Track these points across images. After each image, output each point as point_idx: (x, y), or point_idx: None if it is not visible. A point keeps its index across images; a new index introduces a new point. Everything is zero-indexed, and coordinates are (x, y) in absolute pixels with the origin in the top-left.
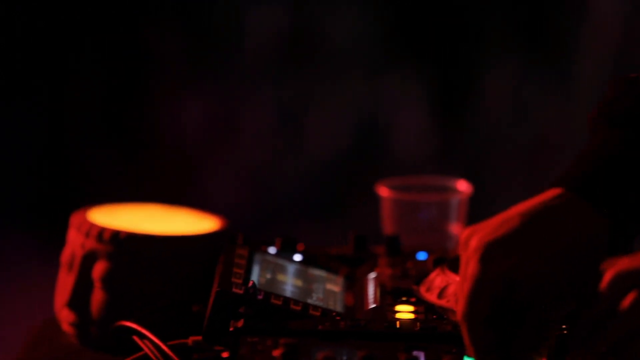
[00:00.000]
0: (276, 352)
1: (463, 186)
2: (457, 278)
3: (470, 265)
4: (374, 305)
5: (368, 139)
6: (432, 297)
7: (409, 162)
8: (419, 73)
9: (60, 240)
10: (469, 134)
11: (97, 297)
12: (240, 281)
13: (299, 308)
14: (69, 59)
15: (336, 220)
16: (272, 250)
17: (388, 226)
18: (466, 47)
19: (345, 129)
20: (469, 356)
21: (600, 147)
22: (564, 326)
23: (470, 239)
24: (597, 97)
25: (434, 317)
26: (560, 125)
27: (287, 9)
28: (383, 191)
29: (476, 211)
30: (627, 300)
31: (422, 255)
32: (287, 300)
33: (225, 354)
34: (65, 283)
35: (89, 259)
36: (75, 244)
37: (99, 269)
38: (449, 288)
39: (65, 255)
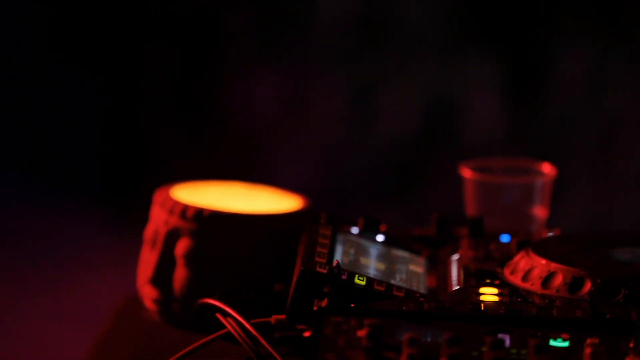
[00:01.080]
0: (361, 333)
1: (547, 168)
2: (543, 261)
3: None
4: (457, 287)
5: (441, 120)
6: (516, 280)
7: (483, 144)
8: (492, 54)
9: (139, 218)
10: (544, 116)
11: (180, 274)
12: (323, 261)
13: (382, 289)
14: (143, 40)
15: (412, 201)
16: (354, 230)
17: (471, 208)
18: (540, 27)
19: (418, 110)
20: (554, 340)
21: None
22: None
23: None
24: None
25: (519, 300)
26: (637, 105)
27: None
28: (466, 172)
29: (554, 194)
30: None
31: (505, 238)
32: (370, 280)
33: (307, 334)
34: (148, 260)
35: (172, 236)
36: (158, 221)
37: (182, 246)
38: (533, 271)
39: (149, 232)
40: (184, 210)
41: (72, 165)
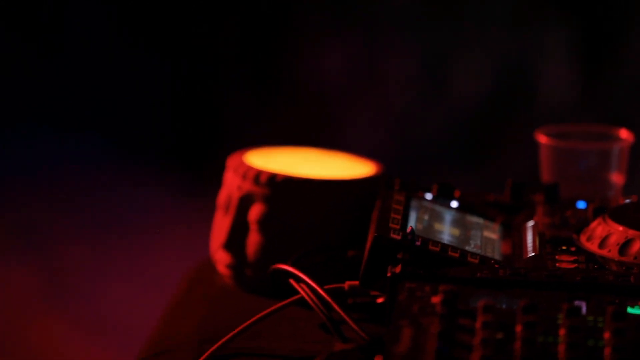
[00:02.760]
0: (435, 299)
1: (624, 134)
2: (620, 228)
3: None
4: (533, 254)
5: (516, 86)
6: (593, 246)
7: (558, 110)
8: (566, 19)
9: (213, 183)
10: (619, 81)
11: (253, 239)
12: (397, 227)
13: (457, 255)
14: (215, 8)
15: (487, 167)
16: (428, 196)
17: (546, 174)
18: None
19: (492, 76)
20: (632, 307)
21: None
22: None
23: None
24: None
25: (595, 267)
26: None
27: None
28: (542, 138)
29: (633, 161)
30: None
31: (581, 204)
32: (444, 247)
33: (380, 300)
34: (221, 225)
35: (245, 201)
36: (232, 186)
37: (255, 211)
38: (610, 238)
39: (222, 197)
40: (257, 176)
41: (147, 130)
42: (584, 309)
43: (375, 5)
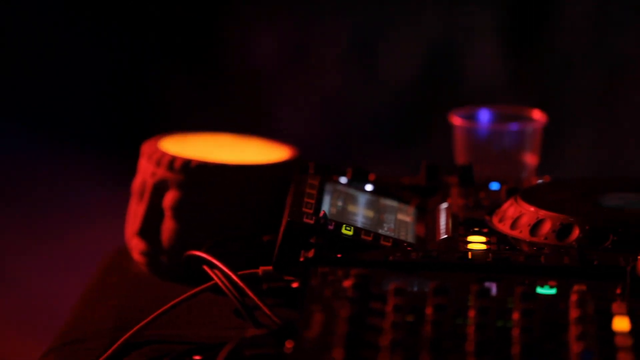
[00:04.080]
0: (347, 283)
1: (537, 115)
2: (531, 208)
3: None
4: (445, 236)
5: (441, 67)
6: (504, 227)
7: (483, 91)
8: (492, 1)
9: (132, 169)
10: (546, 61)
11: (168, 226)
12: (311, 211)
13: (369, 238)
14: None
15: (409, 149)
16: (343, 180)
17: (461, 156)
18: None
19: (418, 58)
20: (541, 287)
21: None
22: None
23: None
24: None
25: (507, 248)
26: (637, 52)
27: None
28: (456, 120)
29: (553, 141)
30: None
31: (495, 186)
32: (358, 230)
33: (295, 284)
34: (136, 212)
35: (159, 188)
36: (146, 173)
37: (169, 198)
38: (522, 218)
39: (136, 184)
40: (172, 162)
41: (74, 116)
42: (494, 290)
43: None
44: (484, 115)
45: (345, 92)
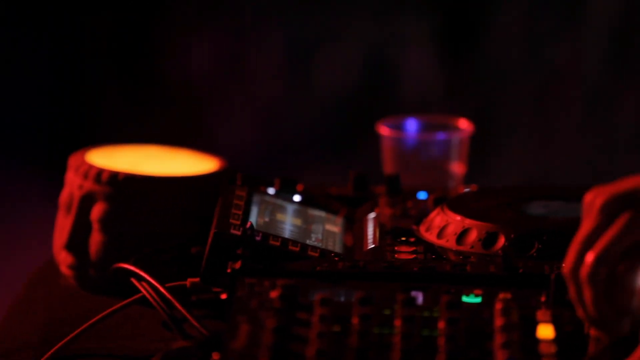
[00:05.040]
0: (273, 294)
1: (464, 124)
2: (457, 217)
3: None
4: (373, 246)
5: (376, 78)
6: (431, 237)
7: (418, 101)
8: (429, 8)
9: (61, 182)
10: (478, 72)
11: (96, 239)
12: (238, 222)
13: (297, 249)
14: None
15: (341, 160)
16: (271, 190)
17: (389, 166)
18: None
19: (353, 68)
20: (467, 296)
21: None
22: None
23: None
24: (609, 34)
25: (433, 257)
26: (570, 63)
27: None
28: (384, 130)
29: (485, 150)
30: (624, 218)
31: (422, 195)
32: (285, 241)
33: (223, 296)
34: (63, 225)
35: (87, 201)
36: (73, 185)
37: (97, 210)
38: (448, 227)
39: (64, 197)
40: (99, 174)
41: (7, 127)
42: (420, 299)
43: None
44: (412, 125)
45: (280, 102)
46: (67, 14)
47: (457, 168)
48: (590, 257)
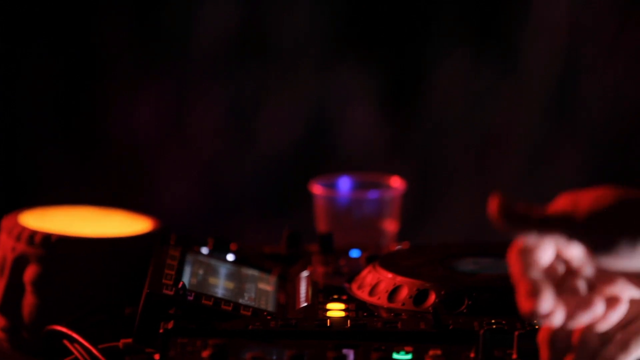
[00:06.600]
0: (205, 353)
1: (397, 182)
2: (389, 275)
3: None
4: (305, 304)
5: (315, 134)
6: (363, 294)
7: (356, 159)
8: (370, 66)
9: None
10: (418, 129)
11: (29, 301)
12: (170, 282)
13: (229, 308)
14: (18, 55)
15: (278, 218)
16: (204, 250)
17: (322, 224)
18: (417, 38)
19: (293, 125)
20: (397, 353)
21: None
22: (492, 321)
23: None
24: (546, 91)
25: (365, 314)
26: (509, 120)
27: (237, 3)
28: (316, 189)
29: (427, 207)
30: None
31: (355, 253)
32: (218, 300)
33: (157, 356)
34: None
35: (20, 263)
36: (6, 247)
37: (30, 272)
38: (380, 285)
39: None
40: (32, 236)
41: None
42: (351, 357)
43: (182, 56)
44: (344, 184)
45: (220, 160)
46: (1, 68)
47: (390, 226)
48: None
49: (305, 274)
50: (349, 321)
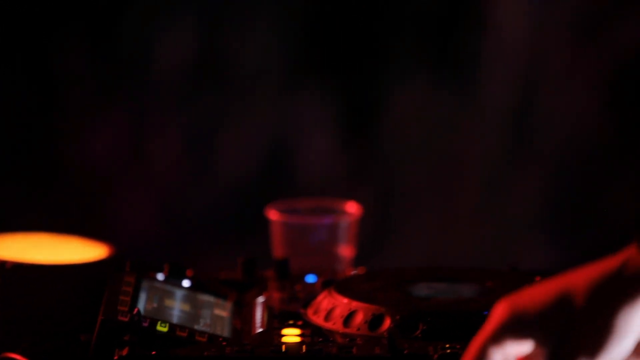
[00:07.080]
0: None
1: (352, 208)
2: (344, 300)
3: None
4: (261, 330)
5: (273, 161)
6: (319, 320)
7: (315, 185)
8: (327, 94)
9: None
10: (377, 155)
11: None
12: (126, 309)
13: (185, 334)
14: None
15: (236, 243)
16: (160, 276)
17: (278, 249)
18: (375, 65)
19: (253, 152)
20: None
21: None
22: (447, 345)
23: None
24: (504, 117)
25: (320, 340)
26: (467, 145)
27: (194, 31)
28: (272, 214)
29: (384, 232)
30: None
31: (311, 278)
32: (173, 326)
33: None
34: None
35: None
36: None
37: None
38: (335, 310)
39: None
40: None
41: None
42: None
43: (139, 86)
44: (300, 209)
45: (178, 187)
46: None
47: (346, 251)
48: None
49: (261, 299)
50: (304, 346)
